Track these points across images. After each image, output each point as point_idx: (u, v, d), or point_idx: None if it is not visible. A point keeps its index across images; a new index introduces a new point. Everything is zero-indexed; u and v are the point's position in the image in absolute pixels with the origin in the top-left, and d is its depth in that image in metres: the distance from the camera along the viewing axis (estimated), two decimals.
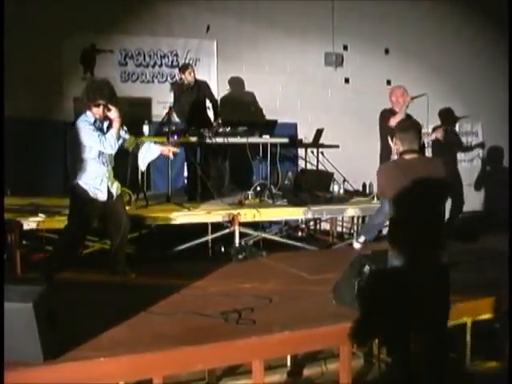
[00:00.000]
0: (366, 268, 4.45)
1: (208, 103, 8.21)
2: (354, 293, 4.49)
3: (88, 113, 5.19)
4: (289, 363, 4.84)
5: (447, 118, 9.64)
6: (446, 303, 3.99)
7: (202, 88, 8.01)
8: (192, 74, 7.76)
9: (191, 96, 7.85)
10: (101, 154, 5.23)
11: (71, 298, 4.63)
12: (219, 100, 8.75)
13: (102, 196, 5.32)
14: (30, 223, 6.05)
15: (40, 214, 6.16)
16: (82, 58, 7.62)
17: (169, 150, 5.75)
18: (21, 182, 7.16)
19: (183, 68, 7.85)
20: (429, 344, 4.04)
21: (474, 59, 10.11)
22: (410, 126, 4.18)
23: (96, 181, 5.27)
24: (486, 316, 5.00)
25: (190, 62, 8.70)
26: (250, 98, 9.30)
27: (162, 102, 8.37)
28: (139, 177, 7.27)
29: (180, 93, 7.83)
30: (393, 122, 6.56)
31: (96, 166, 5.25)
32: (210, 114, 8.27)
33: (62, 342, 3.70)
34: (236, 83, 9.18)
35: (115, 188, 5.46)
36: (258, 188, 7.78)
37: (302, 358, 4.92)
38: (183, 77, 7.78)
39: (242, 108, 9.16)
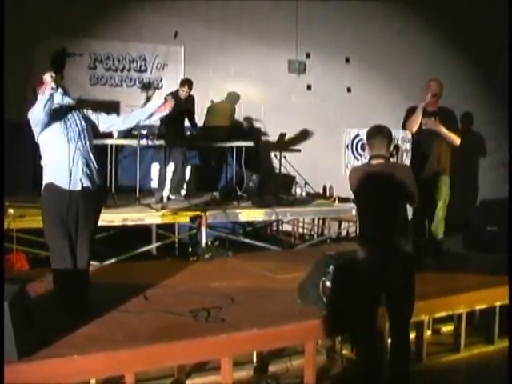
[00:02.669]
0: (331, 268, 4.61)
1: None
2: (318, 292, 4.65)
3: None
4: (255, 360, 4.95)
5: (466, 123, 9.88)
6: (410, 301, 4.15)
7: (190, 104, 8.21)
8: (186, 91, 7.94)
9: (181, 107, 7.99)
10: (57, 130, 4.43)
11: (45, 296, 4.72)
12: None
13: (77, 184, 4.47)
14: None
15: (10, 210, 6.19)
16: (52, 60, 7.65)
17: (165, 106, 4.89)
18: None
19: (183, 83, 8.03)
20: (393, 339, 4.24)
21: (430, 70, 10.41)
22: (377, 132, 4.26)
23: (65, 166, 4.44)
24: (443, 314, 5.28)
25: (158, 66, 8.83)
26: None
27: (130, 105, 8.44)
28: (108, 177, 7.36)
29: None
30: (408, 125, 6.21)
31: (59, 145, 4.44)
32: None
33: (36, 340, 3.76)
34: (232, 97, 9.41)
35: (91, 173, 4.57)
36: (224, 190, 7.95)
37: (268, 355, 5.03)
38: (180, 89, 7.95)
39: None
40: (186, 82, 8.02)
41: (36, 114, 4.34)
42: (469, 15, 10.54)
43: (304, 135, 9.92)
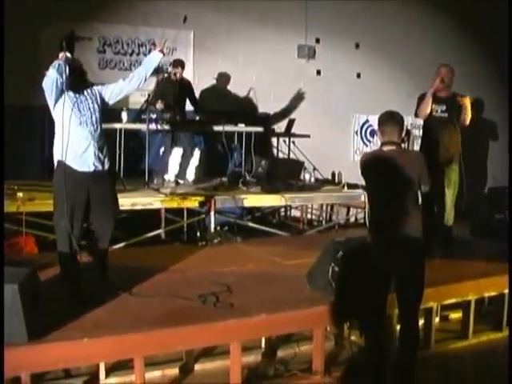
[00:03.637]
0: (340, 254, 4.62)
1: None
2: (327, 278, 4.66)
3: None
4: (263, 345, 4.99)
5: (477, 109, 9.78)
6: (419, 288, 4.15)
7: (186, 86, 8.16)
8: (180, 72, 7.90)
9: (176, 89, 7.97)
10: (69, 112, 4.50)
11: (55, 280, 4.73)
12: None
13: (87, 166, 4.57)
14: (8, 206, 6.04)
15: (19, 194, 6.23)
16: (60, 43, 7.63)
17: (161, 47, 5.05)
18: None
19: (175, 64, 7.97)
20: (402, 325, 4.24)
21: (440, 57, 10.34)
22: (390, 118, 4.23)
23: (76, 148, 4.52)
24: (451, 301, 5.29)
25: (167, 51, 8.79)
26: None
27: (139, 89, 8.43)
28: (117, 161, 7.36)
29: (166, 83, 7.93)
30: (418, 111, 6.19)
31: (70, 128, 4.49)
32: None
33: (46, 323, 3.79)
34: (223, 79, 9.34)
35: (102, 157, 4.67)
36: (233, 175, 7.96)
37: (276, 340, 5.07)
38: (172, 70, 7.92)
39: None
40: (179, 63, 7.94)
41: (47, 81, 4.47)
42: (479, 4, 10.46)
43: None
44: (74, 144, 4.49)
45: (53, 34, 7.83)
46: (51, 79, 4.44)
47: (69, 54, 4.55)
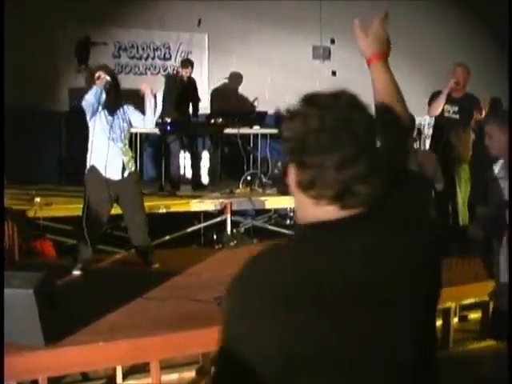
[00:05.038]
0: None
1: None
2: None
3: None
4: None
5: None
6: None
7: (191, 85, 8.15)
8: (189, 72, 7.90)
9: (181, 89, 7.96)
10: (103, 128, 5.09)
11: (70, 283, 4.77)
12: (212, 91, 9.08)
13: (116, 175, 5.16)
14: (28, 211, 6.13)
15: (36, 199, 6.28)
16: (76, 50, 7.68)
17: (145, 87, 5.71)
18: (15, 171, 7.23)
19: (185, 64, 7.97)
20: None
21: (456, 55, 10.28)
22: None
23: (107, 158, 5.09)
24: (470, 300, 5.22)
25: (182, 54, 8.83)
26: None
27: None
28: None
29: (171, 84, 7.92)
30: (430, 110, 6.22)
31: (103, 142, 5.10)
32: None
33: (62, 327, 3.78)
34: (234, 78, 9.34)
35: (129, 166, 5.28)
36: (249, 177, 7.94)
37: None
38: (181, 71, 7.90)
39: (233, 100, 9.35)
40: (189, 63, 7.95)
41: (85, 105, 5.01)
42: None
43: None
44: (106, 155, 5.05)
45: (68, 39, 7.95)
46: (89, 104, 4.95)
47: (109, 78, 5.01)
